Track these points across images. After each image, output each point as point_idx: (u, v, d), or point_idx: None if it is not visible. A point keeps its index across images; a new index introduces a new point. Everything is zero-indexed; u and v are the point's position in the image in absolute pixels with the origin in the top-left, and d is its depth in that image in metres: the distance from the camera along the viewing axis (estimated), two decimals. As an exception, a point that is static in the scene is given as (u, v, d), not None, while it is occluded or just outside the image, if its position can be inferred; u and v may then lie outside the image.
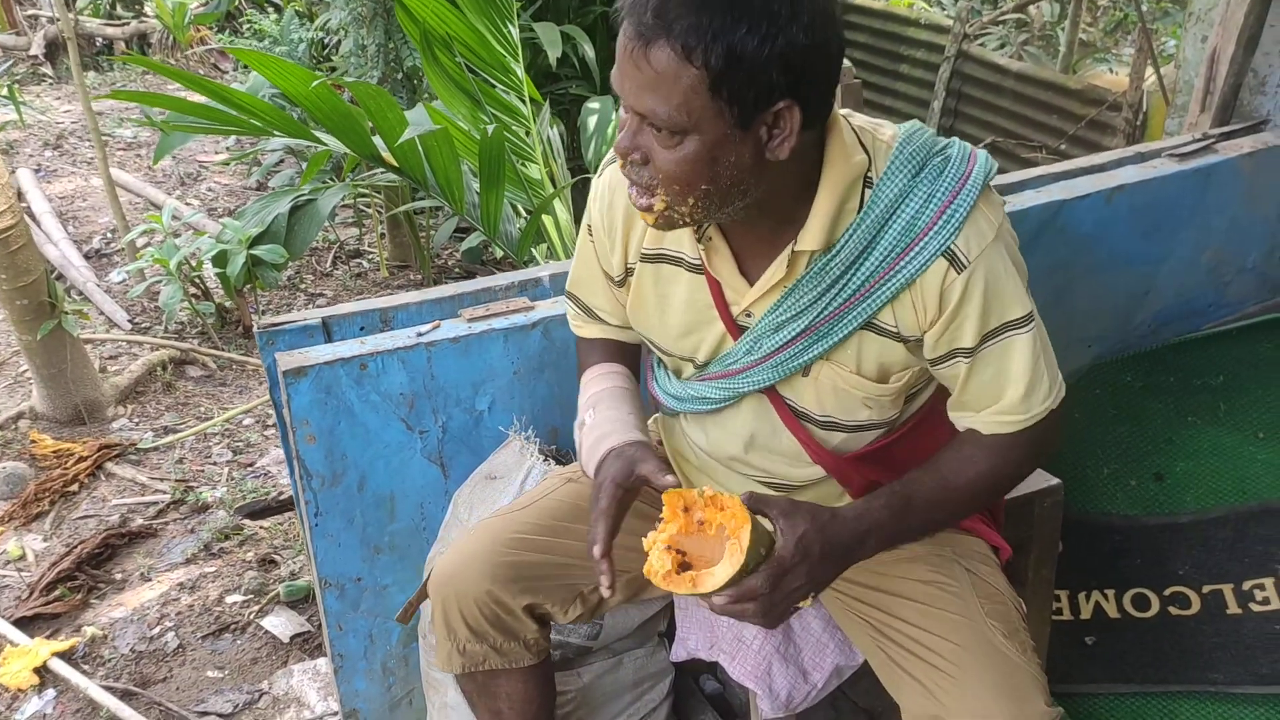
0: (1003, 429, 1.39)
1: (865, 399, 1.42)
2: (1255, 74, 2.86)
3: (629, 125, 1.23)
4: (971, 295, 1.31)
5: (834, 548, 1.29)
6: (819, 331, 1.37)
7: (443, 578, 1.58)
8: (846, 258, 1.32)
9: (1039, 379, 1.37)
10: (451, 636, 1.59)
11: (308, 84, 2.69)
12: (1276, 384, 2.65)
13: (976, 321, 1.33)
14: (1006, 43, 6.39)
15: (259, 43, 5.73)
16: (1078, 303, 2.56)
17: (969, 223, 1.29)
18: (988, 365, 1.36)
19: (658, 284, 1.48)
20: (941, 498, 1.40)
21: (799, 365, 1.40)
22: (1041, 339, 1.38)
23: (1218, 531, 2.38)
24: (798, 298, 1.35)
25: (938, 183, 1.30)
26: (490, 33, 3.05)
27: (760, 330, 1.40)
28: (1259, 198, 2.74)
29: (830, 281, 1.33)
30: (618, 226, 1.49)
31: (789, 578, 1.24)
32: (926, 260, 1.29)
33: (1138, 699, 2.12)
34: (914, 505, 1.38)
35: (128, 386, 3.79)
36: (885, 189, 1.30)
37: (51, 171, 6.12)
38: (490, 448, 1.96)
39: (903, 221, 1.30)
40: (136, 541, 3.02)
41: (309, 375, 1.76)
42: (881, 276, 1.32)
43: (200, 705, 2.42)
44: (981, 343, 1.34)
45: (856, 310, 1.34)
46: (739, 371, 1.44)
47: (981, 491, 1.44)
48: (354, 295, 4.63)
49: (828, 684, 1.64)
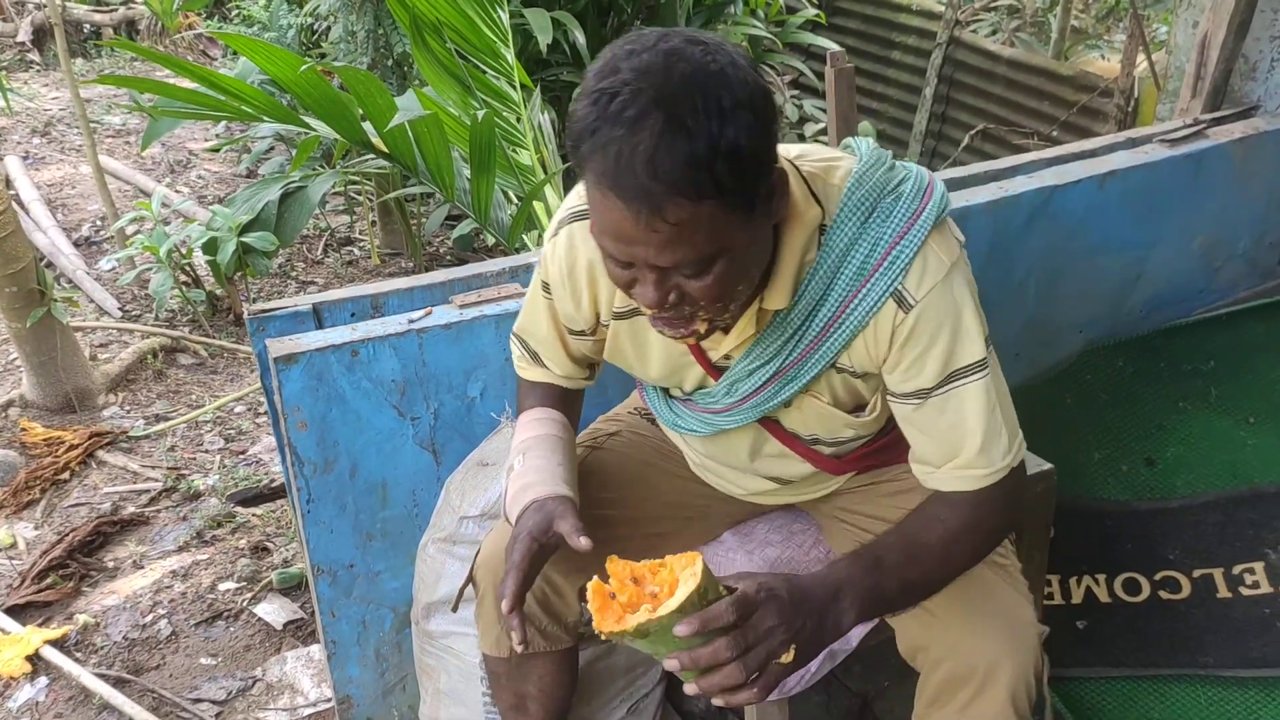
0: (965, 485, 1.35)
1: (846, 424, 1.46)
2: (1246, 59, 2.87)
3: (652, 281, 1.17)
4: (920, 334, 1.30)
5: (803, 594, 1.22)
6: (788, 375, 1.38)
7: (496, 560, 1.55)
8: (804, 309, 1.33)
9: (996, 430, 1.33)
10: (502, 620, 1.56)
11: (296, 69, 2.67)
12: (1267, 369, 2.66)
13: (928, 362, 1.31)
14: (998, 29, 6.38)
15: (248, 29, 5.69)
16: (1069, 288, 2.57)
17: (916, 262, 1.28)
18: (943, 413, 1.34)
19: (634, 335, 1.47)
20: (912, 555, 1.34)
21: (777, 404, 1.42)
22: (999, 388, 1.35)
23: (1208, 516, 2.39)
24: (764, 347, 1.37)
25: (884, 225, 1.29)
26: (480, 18, 3.03)
27: (736, 375, 1.41)
28: (1250, 183, 2.75)
29: (791, 332, 1.35)
30: (582, 289, 1.45)
31: (760, 614, 1.16)
32: (875, 303, 1.29)
33: (1129, 682, 2.13)
34: (884, 563, 1.32)
35: (118, 374, 3.77)
36: (837, 235, 1.30)
37: (40, 159, 6.08)
38: (482, 434, 1.96)
39: (853, 268, 1.30)
40: (128, 529, 3.01)
41: (300, 362, 1.76)
42: (835, 320, 1.32)
43: (193, 692, 2.42)
44: (936, 386, 1.32)
45: (817, 355, 1.36)
46: (722, 410, 1.46)
47: (955, 553, 1.37)
48: (345, 283, 4.61)
49: (821, 667, 1.64)
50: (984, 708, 1.37)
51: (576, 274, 1.44)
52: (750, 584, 1.18)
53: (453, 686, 1.94)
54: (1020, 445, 1.38)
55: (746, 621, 1.15)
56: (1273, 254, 2.93)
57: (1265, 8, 2.80)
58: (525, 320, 1.60)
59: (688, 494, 1.71)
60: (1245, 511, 2.37)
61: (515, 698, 1.70)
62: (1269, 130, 2.72)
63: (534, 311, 1.57)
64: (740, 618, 1.14)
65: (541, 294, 1.52)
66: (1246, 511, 2.37)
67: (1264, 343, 2.69)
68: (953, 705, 1.40)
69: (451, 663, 1.92)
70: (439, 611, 1.91)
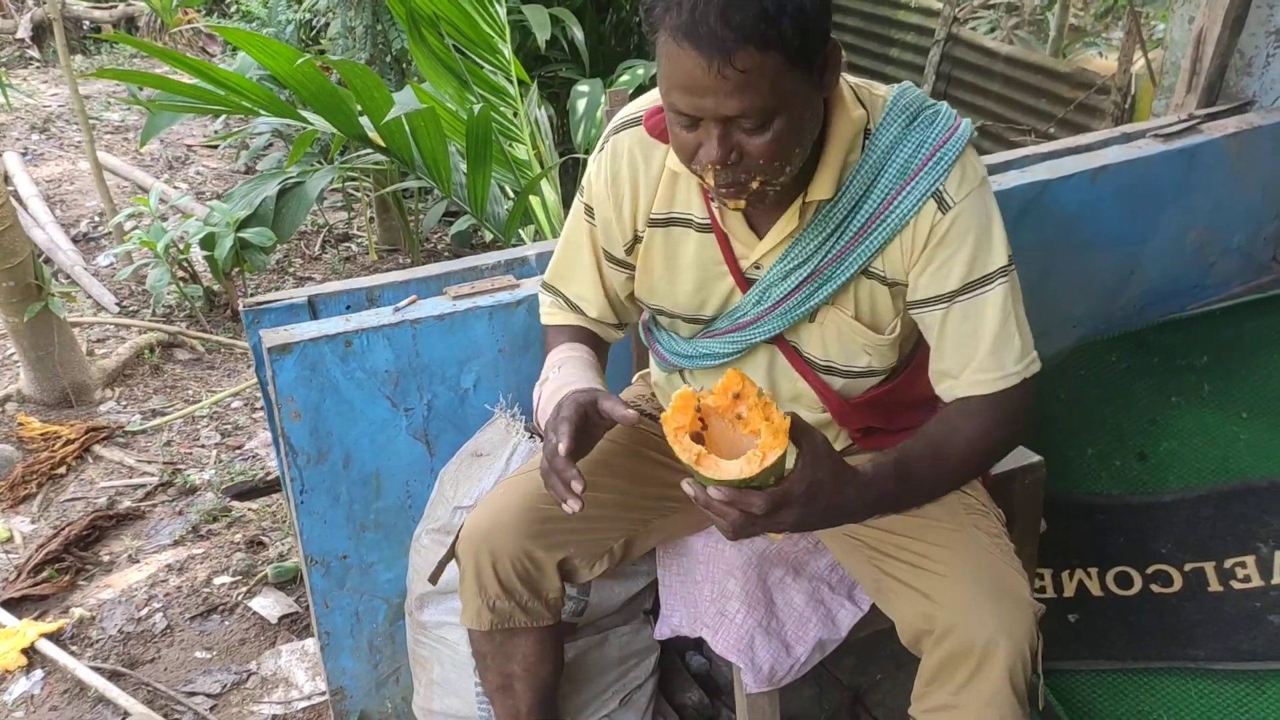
0: (980, 389, 1.43)
1: (865, 345, 1.50)
2: (1241, 55, 2.87)
3: (716, 135, 1.26)
4: (953, 237, 1.39)
5: (837, 507, 1.31)
6: (823, 276, 1.44)
7: (477, 535, 1.60)
8: (848, 203, 1.41)
9: (1010, 336, 1.42)
10: (482, 593, 1.61)
11: (294, 64, 2.68)
12: (1260, 364, 2.67)
13: (956, 266, 1.40)
14: (997, 26, 6.38)
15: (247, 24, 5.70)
16: (1063, 283, 2.57)
17: (956, 167, 1.38)
18: (965, 319, 1.42)
19: (667, 246, 1.53)
20: (936, 466, 1.43)
21: (805, 311, 1.47)
22: (1016, 296, 1.44)
23: (1200, 510, 2.40)
24: (804, 245, 1.43)
25: (929, 131, 1.40)
26: (477, 13, 3.04)
27: (769, 280, 1.47)
28: (1244, 178, 2.75)
29: (833, 227, 1.42)
30: (624, 195, 1.52)
31: (784, 511, 1.25)
32: (917, 201, 1.38)
33: (1120, 675, 2.14)
34: (913, 475, 1.41)
35: (115, 369, 3.78)
36: (881, 137, 1.40)
37: (38, 155, 6.09)
38: (476, 425, 1.96)
39: (897, 166, 1.39)
40: (124, 523, 3.02)
41: (294, 352, 1.76)
42: (876, 218, 1.40)
43: (188, 685, 2.43)
44: (961, 291, 1.41)
45: (855, 254, 1.42)
46: (749, 323, 1.51)
47: (970, 460, 1.47)
48: (343, 278, 4.61)
49: (810, 658, 1.65)
50: (982, 684, 1.38)
51: (620, 180, 1.52)
52: (798, 485, 1.25)
53: (446, 677, 1.94)
54: (1033, 362, 1.45)
55: (766, 514, 1.23)
56: (1267, 249, 2.94)
57: (1261, 3, 2.80)
58: (559, 267, 1.67)
59: (676, 484, 1.71)
60: (1237, 506, 2.37)
61: (501, 678, 1.71)
62: (1264, 125, 2.73)
63: (571, 252, 1.63)
64: (764, 513, 1.23)
65: (585, 219, 1.59)
66: (1238, 506, 2.37)
67: (1258, 338, 2.70)
68: (952, 683, 1.41)
69: (445, 653, 1.93)
70: (432, 602, 1.92)
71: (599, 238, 1.59)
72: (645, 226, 1.53)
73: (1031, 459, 1.87)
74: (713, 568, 1.70)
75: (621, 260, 1.58)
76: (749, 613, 1.62)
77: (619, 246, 1.57)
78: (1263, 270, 2.94)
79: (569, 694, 1.93)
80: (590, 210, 1.58)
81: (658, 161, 1.49)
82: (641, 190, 1.51)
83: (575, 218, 1.62)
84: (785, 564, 1.67)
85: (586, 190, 1.58)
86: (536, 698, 1.73)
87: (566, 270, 1.65)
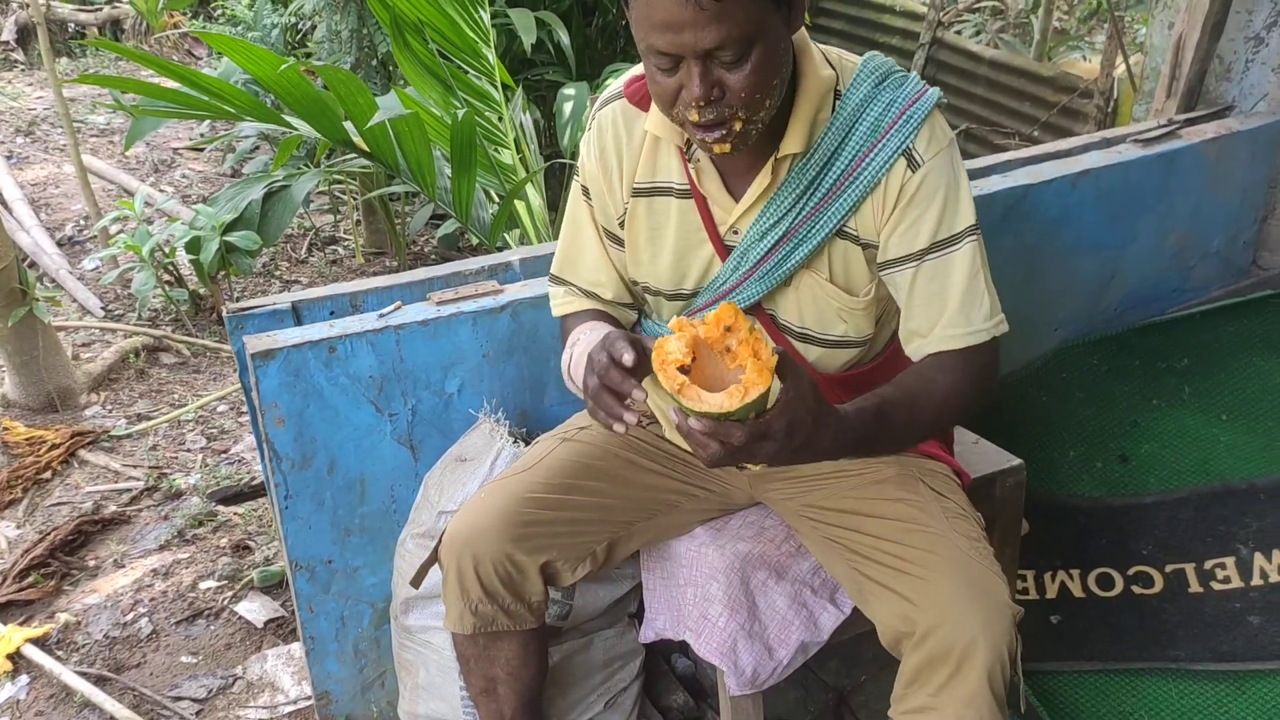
0: (950, 345, 1.47)
1: (840, 310, 1.54)
2: (1221, 60, 2.89)
3: (697, 73, 1.30)
4: (922, 196, 1.43)
5: (813, 445, 1.32)
6: (798, 235, 1.48)
7: (459, 539, 1.61)
8: (820, 159, 1.45)
9: (978, 294, 1.46)
10: (465, 597, 1.62)
11: (277, 69, 2.68)
12: (1240, 367, 2.69)
13: (925, 224, 1.44)
14: (981, 30, 6.42)
15: (233, 28, 5.69)
16: (1044, 286, 2.59)
17: (925, 126, 1.43)
18: (933, 278, 1.46)
19: (650, 216, 1.58)
20: (911, 418, 1.47)
21: (783, 274, 1.50)
22: (982, 257, 1.47)
23: (1181, 512, 2.42)
24: (779, 203, 1.47)
25: (898, 91, 1.45)
26: (462, 18, 3.04)
27: (747, 242, 1.51)
28: (1223, 183, 2.78)
29: (807, 183, 1.46)
30: (612, 167, 1.57)
31: (763, 444, 1.26)
32: (888, 159, 1.43)
33: (1101, 676, 2.15)
34: (890, 424, 1.44)
35: (101, 374, 3.77)
36: (851, 96, 1.45)
37: (23, 158, 6.07)
38: (460, 430, 1.97)
39: (868, 123, 1.44)
40: (110, 528, 3.01)
41: (277, 358, 1.77)
42: (849, 175, 1.45)
43: (174, 690, 2.42)
44: (930, 249, 1.45)
45: (829, 213, 1.46)
46: (729, 291, 1.54)
47: (942, 414, 1.49)
48: (329, 282, 4.61)
49: (793, 661, 1.66)
50: (960, 687, 1.39)
51: (607, 153, 1.57)
52: (778, 422, 1.25)
53: (431, 681, 1.95)
54: (1001, 323, 1.49)
55: (745, 445, 1.24)
56: (1246, 253, 2.96)
57: (1240, 9, 2.82)
58: (565, 255, 1.70)
59: (659, 488, 1.73)
60: (1217, 508, 2.40)
61: (484, 681, 1.72)
62: (1242, 130, 2.75)
63: (575, 237, 1.67)
64: (742, 444, 1.24)
65: (583, 200, 1.64)
66: (1218, 508, 2.39)
67: (1237, 341, 2.72)
68: (930, 685, 1.42)
69: (430, 658, 1.94)
70: (418, 607, 1.93)
71: (598, 216, 1.63)
72: (629, 197, 1.57)
73: (1013, 461, 1.89)
74: (696, 571, 1.71)
75: (619, 237, 1.62)
76: (731, 616, 1.63)
77: (614, 222, 1.61)
78: (1242, 274, 2.97)
79: (554, 697, 1.93)
80: (586, 190, 1.63)
81: (639, 130, 1.55)
82: (625, 159, 1.56)
83: (574, 201, 1.66)
84: (768, 567, 1.69)
85: (581, 171, 1.63)
86: (520, 701, 1.73)
87: (574, 257, 1.68)
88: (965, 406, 1.51)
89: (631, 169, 1.56)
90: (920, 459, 1.66)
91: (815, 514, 1.65)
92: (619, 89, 1.57)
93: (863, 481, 1.63)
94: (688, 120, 1.35)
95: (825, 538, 1.63)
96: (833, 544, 1.61)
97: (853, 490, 1.63)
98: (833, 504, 1.64)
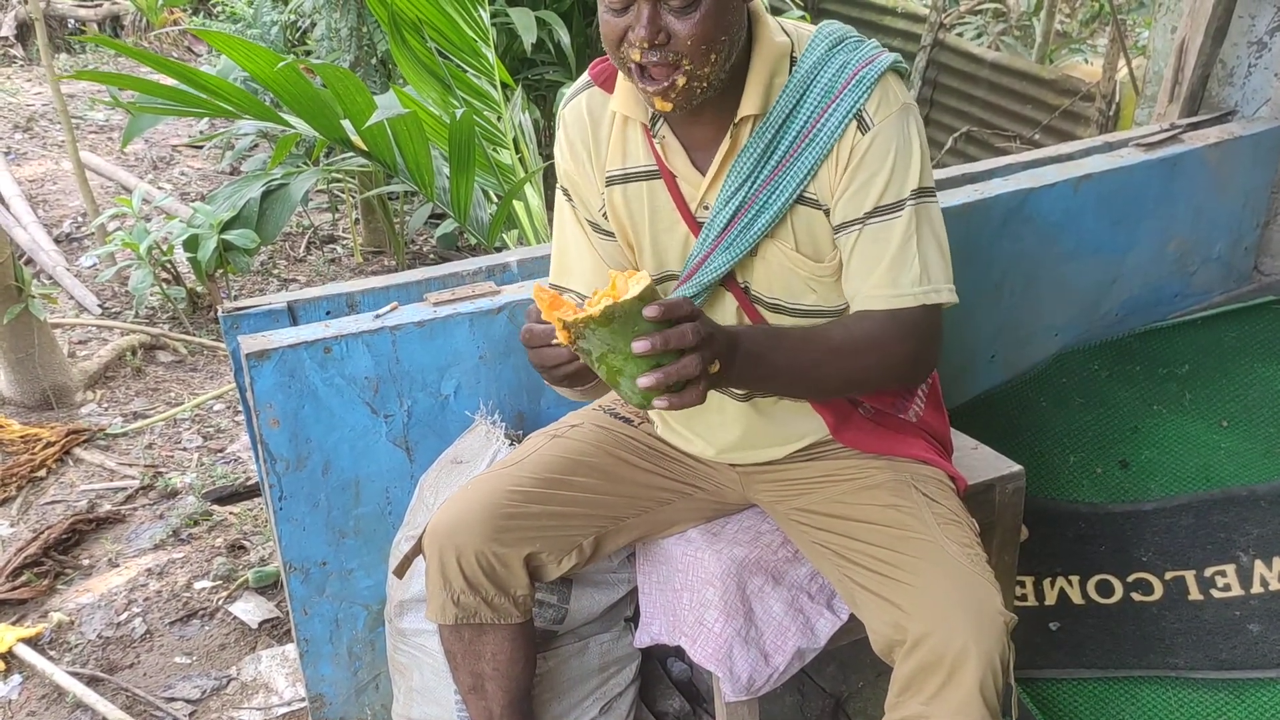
0: (874, 304, 1.46)
1: (807, 279, 1.54)
2: (1223, 65, 2.89)
3: (644, 14, 1.32)
4: (871, 158, 1.44)
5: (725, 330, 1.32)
6: (759, 201, 1.49)
7: (442, 530, 1.61)
8: (776, 120, 1.46)
9: (908, 259, 1.45)
10: (447, 588, 1.62)
11: (275, 67, 2.67)
12: (1240, 373, 2.68)
13: (872, 188, 1.44)
14: (983, 32, 6.41)
15: (233, 26, 5.67)
16: (1045, 291, 2.58)
17: (878, 89, 1.44)
18: (874, 241, 1.46)
19: (625, 203, 1.58)
20: (809, 341, 1.45)
21: (748, 242, 1.50)
22: (927, 222, 1.47)
23: (1180, 519, 2.41)
24: (739, 169, 1.48)
25: (851, 55, 1.46)
26: (461, 17, 3.03)
27: (714, 213, 1.51)
28: (1225, 188, 2.77)
29: (764, 146, 1.47)
30: (583, 158, 1.59)
31: (699, 323, 1.25)
32: (840, 121, 1.44)
33: (1100, 684, 2.14)
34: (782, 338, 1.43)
35: (97, 372, 3.76)
36: (806, 58, 1.47)
37: (21, 154, 6.06)
38: (456, 432, 1.96)
39: (821, 86, 1.45)
40: (104, 527, 3.00)
41: (272, 358, 1.75)
42: (804, 137, 1.46)
43: (167, 691, 2.41)
44: (874, 213, 1.45)
45: (787, 178, 1.47)
46: (700, 264, 1.54)
47: (847, 356, 1.46)
48: (327, 281, 4.60)
49: (789, 667, 1.65)
50: (952, 695, 1.38)
51: (575, 146, 1.59)
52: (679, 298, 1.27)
53: (425, 684, 1.94)
54: (935, 291, 1.46)
55: (691, 320, 1.25)
56: (1247, 258, 2.95)
57: (1243, 14, 2.82)
58: (559, 262, 1.69)
59: (651, 485, 1.72)
60: (1217, 514, 2.39)
61: (472, 678, 1.71)
62: (1244, 135, 2.74)
63: (564, 240, 1.66)
64: (687, 316, 1.24)
65: (565, 202, 1.64)
66: (1218, 514, 2.38)
67: (1238, 347, 2.72)
68: (923, 693, 1.41)
69: (424, 661, 1.92)
70: (412, 610, 1.91)
71: (581, 213, 1.63)
72: (604, 187, 1.58)
73: (1013, 467, 1.88)
74: (692, 576, 1.69)
75: (606, 229, 1.62)
76: (727, 622, 1.62)
77: (598, 213, 1.61)
78: (1243, 279, 2.96)
79: (549, 701, 1.92)
80: (566, 192, 1.63)
81: (607, 116, 1.56)
82: (594, 149, 1.58)
83: (559, 208, 1.66)
84: (764, 572, 1.67)
85: (559, 174, 1.64)
86: (509, 698, 1.72)
87: (567, 264, 1.67)
88: (893, 363, 1.48)
89: (602, 157, 1.58)
90: (913, 464, 1.65)
91: (806, 518, 1.65)
92: (584, 77, 1.59)
93: (854, 486, 1.63)
94: (631, 62, 1.36)
95: (816, 543, 1.62)
96: (824, 549, 1.61)
97: (843, 495, 1.62)
98: (823, 509, 1.63)
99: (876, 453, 1.66)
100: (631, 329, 1.22)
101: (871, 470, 1.62)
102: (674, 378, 1.24)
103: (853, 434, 1.65)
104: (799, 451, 1.69)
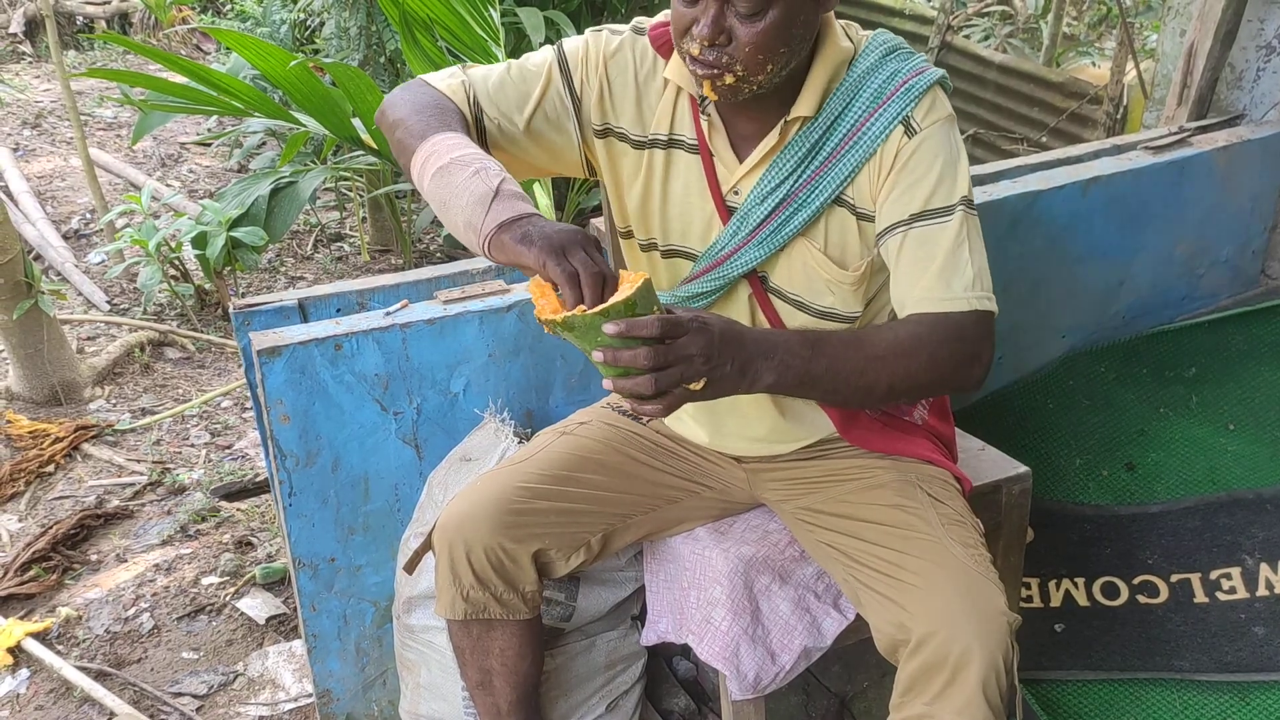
0: (924, 307, 1.43)
1: (828, 282, 1.54)
2: (1232, 68, 2.89)
3: (710, 12, 1.32)
4: (917, 162, 1.44)
5: (735, 340, 1.30)
6: (798, 200, 1.49)
7: (451, 525, 1.62)
8: (824, 121, 1.47)
9: (960, 264, 1.43)
10: (456, 583, 1.63)
11: (285, 65, 2.68)
12: (1247, 376, 2.68)
13: (918, 192, 1.44)
14: (991, 35, 6.41)
15: (241, 24, 5.69)
16: (1052, 293, 2.59)
17: (926, 97, 1.45)
18: (922, 244, 1.44)
19: (666, 168, 1.56)
20: (852, 348, 1.39)
21: (781, 240, 1.51)
22: (974, 233, 1.46)
23: (1187, 521, 2.41)
24: (781, 165, 1.48)
25: (903, 64, 1.48)
26: (471, 16, 3.04)
27: (747, 205, 1.51)
28: (1233, 191, 2.77)
29: (810, 146, 1.47)
30: (629, 94, 1.54)
31: (685, 340, 1.24)
32: (886, 125, 1.45)
33: (1105, 686, 2.15)
34: (823, 345, 1.38)
35: (105, 368, 3.77)
36: (859, 64, 1.48)
37: (30, 151, 6.07)
38: (465, 430, 1.97)
39: (871, 90, 1.46)
40: (113, 523, 3.01)
41: (283, 355, 1.76)
42: (849, 140, 1.47)
43: (175, 686, 2.42)
44: (921, 216, 1.44)
45: (828, 178, 1.48)
46: (727, 257, 1.54)
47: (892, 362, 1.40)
48: (335, 279, 4.61)
49: (796, 666, 1.65)
50: (956, 696, 1.39)
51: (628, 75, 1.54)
52: (687, 312, 1.28)
53: (433, 681, 1.94)
54: (986, 299, 1.44)
55: (671, 341, 1.23)
56: (1255, 262, 2.95)
57: (1252, 17, 2.82)
58: (499, 77, 1.54)
59: (659, 483, 1.73)
60: (1223, 517, 2.39)
61: (480, 674, 1.72)
62: (1253, 139, 2.74)
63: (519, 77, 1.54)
64: (664, 335, 1.23)
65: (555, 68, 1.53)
66: (1224, 517, 2.39)
67: (1245, 350, 2.71)
68: (926, 693, 1.42)
69: (432, 658, 1.93)
70: (420, 606, 1.92)
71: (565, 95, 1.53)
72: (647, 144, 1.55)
73: (1019, 468, 1.88)
74: (699, 574, 1.70)
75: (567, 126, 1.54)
76: (734, 620, 1.63)
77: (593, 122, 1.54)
78: (1251, 283, 2.96)
79: (556, 699, 1.93)
80: (567, 69, 1.53)
81: (659, 78, 1.54)
82: (645, 96, 1.54)
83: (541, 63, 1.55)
84: (771, 571, 1.68)
85: (580, 56, 1.53)
86: (517, 694, 1.73)
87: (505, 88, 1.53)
88: (937, 366, 1.41)
89: (651, 110, 1.55)
90: (919, 464, 1.66)
91: (812, 517, 1.65)
92: (645, 38, 1.54)
93: (859, 486, 1.63)
94: (688, 52, 1.37)
95: (822, 542, 1.62)
96: (829, 549, 1.61)
97: (849, 494, 1.63)
98: (829, 508, 1.63)
99: (883, 452, 1.67)
100: (594, 338, 1.23)
101: (877, 470, 1.63)
102: (626, 392, 1.24)
103: (860, 433, 1.66)
104: (807, 448, 1.70)
